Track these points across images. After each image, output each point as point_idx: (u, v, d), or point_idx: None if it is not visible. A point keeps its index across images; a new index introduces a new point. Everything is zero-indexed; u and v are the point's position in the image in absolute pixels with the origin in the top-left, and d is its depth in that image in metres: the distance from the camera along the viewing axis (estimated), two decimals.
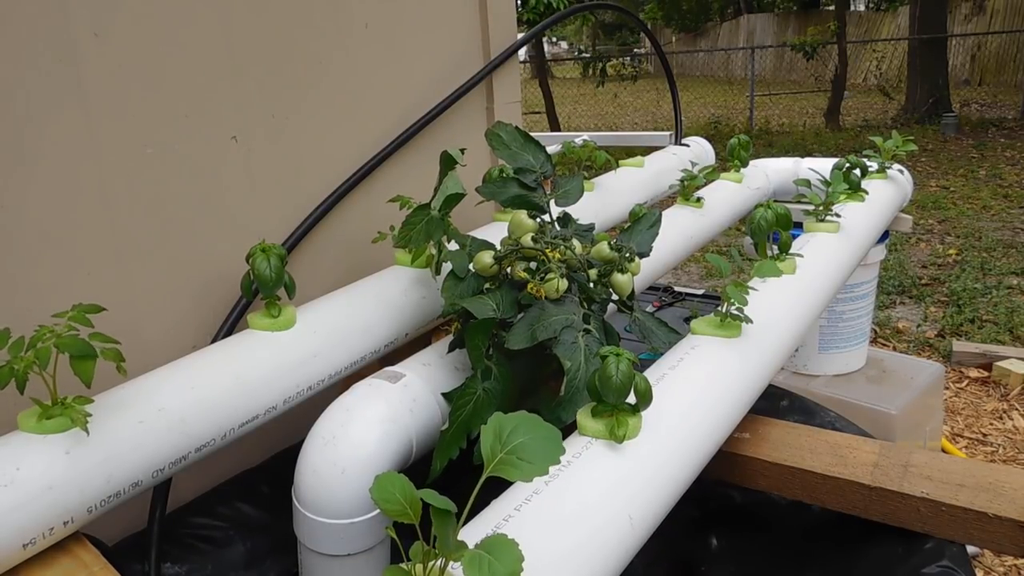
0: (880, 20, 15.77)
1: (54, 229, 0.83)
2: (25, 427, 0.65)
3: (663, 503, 0.68)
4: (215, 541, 0.92)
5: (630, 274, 0.86)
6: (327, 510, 0.71)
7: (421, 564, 0.47)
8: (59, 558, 0.65)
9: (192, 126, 0.94)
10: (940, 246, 4.68)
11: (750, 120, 10.49)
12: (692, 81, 16.35)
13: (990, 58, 13.09)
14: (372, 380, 0.80)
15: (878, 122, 9.80)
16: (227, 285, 0.97)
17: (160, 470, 0.71)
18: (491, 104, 1.38)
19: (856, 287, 1.83)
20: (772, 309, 0.94)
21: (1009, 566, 2.04)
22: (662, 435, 0.70)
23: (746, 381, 0.84)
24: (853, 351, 1.91)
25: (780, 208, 1.03)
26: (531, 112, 11.00)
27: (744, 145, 1.51)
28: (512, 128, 0.96)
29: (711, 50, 19.14)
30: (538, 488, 0.60)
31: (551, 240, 0.83)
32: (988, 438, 2.67)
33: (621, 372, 0.64)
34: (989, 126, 8.95)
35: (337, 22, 1.10)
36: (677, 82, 1.90)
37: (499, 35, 1.36)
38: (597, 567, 0.58)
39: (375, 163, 1.16)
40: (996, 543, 0.78)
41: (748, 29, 18.63)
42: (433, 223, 0.89)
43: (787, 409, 1.10)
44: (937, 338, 3.39)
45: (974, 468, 0.84)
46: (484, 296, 0.81)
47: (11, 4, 0.78)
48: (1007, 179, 6.31)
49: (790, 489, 0.88)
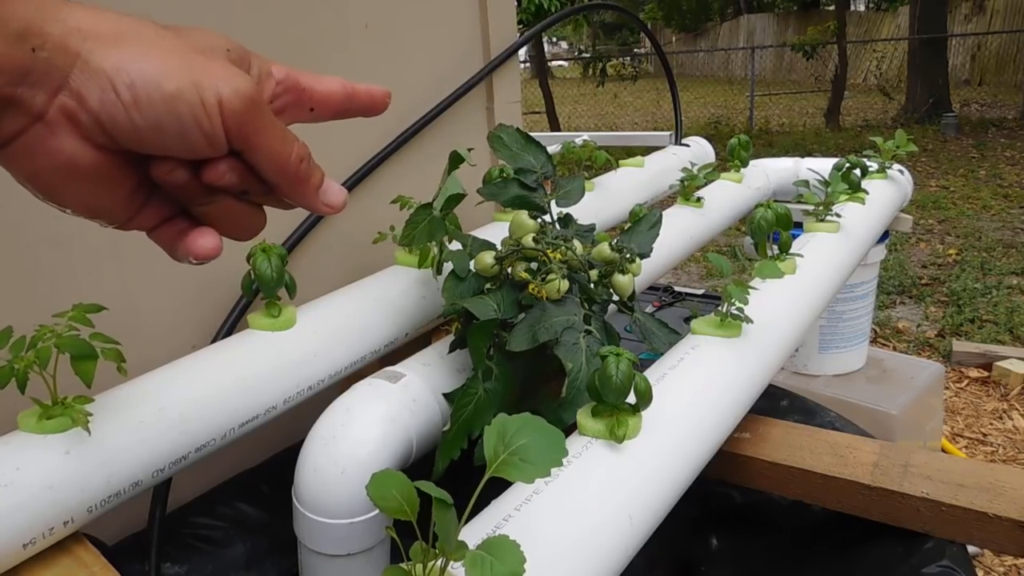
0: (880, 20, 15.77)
1: (54, 229, 0.83)
2: (25, 427, 0.65)
3: (663, 503, 0.68)
4: (215, 541, 0.92)
5: (631, 275, 0.86)
6: (327, 510, 0.71)
7: (421, 564, 0.47)
8: (59, 558, 0.65)
9: None
10: (940, 246, 4.68)
11: (750, 120, 10.49)
12: (692, 81, 16.36)
13: (990, 58, 13.10)
14: (372, 380, 0.80)
15: (878, 122, 9.80)
16: (227, 285, 0.97)
17: (160, 470, 0.71)
18: (491, 104, 1.38)
19: (856, 287, 1.83)
20: (772, 309, 0.94)
21: (1009, 566, 2.05)
22: (662, 435, 0.70)
23: (746, 381, 0.84)
24: (853, 351, 1.91)
25: (780, 208, 1.03)
26: (531, 112, 11.00)
27: (744, 145, 1.51)
28: (513, 130, 0.96)
29: (711, 50, 19.15)
30: (538, 488, 0.60)
31: (552, 241, 0.83)
32: (988, 438, 2.67)
33: (621, 372, 0.64)
34: (989, 126, 8.96)
35: (337, 22, 1.10)
36: (677, 82, 1.90)
37: (499, 35, 1.36)
38: (597, 566, 0.58)
39: (375, 163, 1.16)
40: (996, 543, 0.78)
41: (748, 29, 18.64)
42: (435, 223, 0.89)
43: (787, 409, 1.10)
44: (937, 338, 3.39)
45: (974, 468, 0.84)
46: (485, 296, 0.81)
47: None
48: (1007, 179, 6.31)
49: (790, 489, 0.88)
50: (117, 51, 0.34)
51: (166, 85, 0.33)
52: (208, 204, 0.37)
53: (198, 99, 0.34)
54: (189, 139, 0.34)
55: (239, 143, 0.35)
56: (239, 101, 0.35)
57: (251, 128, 0.35)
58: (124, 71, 0.33)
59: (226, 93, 0.34)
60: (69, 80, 0.33)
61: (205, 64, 0.35)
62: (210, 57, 0.36)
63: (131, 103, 0.33)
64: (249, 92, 0.35)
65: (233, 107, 0.34)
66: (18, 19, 0.32)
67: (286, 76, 0.41)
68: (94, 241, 0.87)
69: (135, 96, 0.33)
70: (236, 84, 0.35)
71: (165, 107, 0.33)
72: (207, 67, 0.35)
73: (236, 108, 0.34)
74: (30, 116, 0.34)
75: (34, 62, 0.33)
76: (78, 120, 0.34)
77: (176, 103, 0.33)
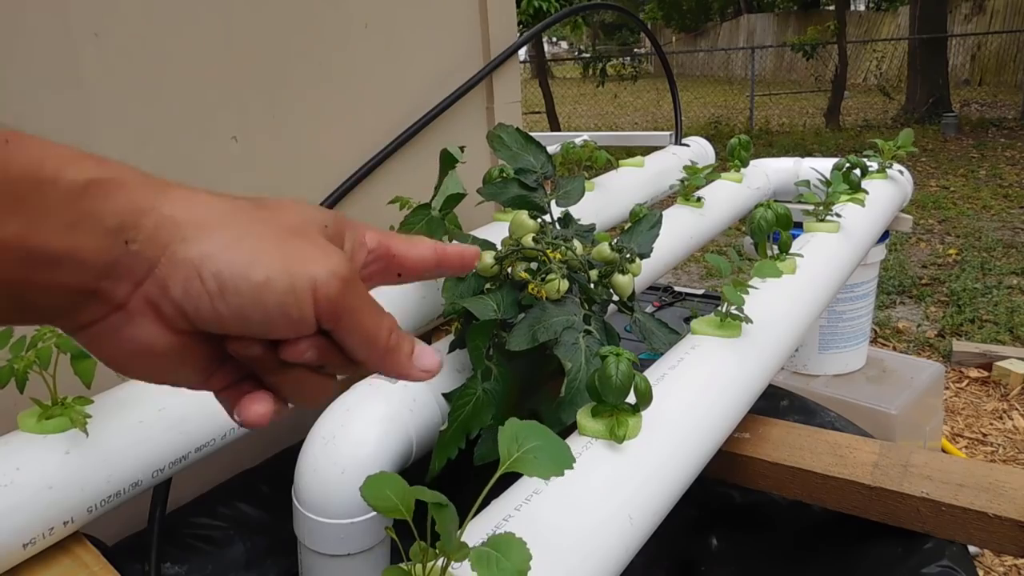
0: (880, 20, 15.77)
1: None
2: (25, 427, 0.65)
3: (663, 502, 0.68)
4: (215, 541, 0.92)
5: (631, 275, 0.86)
6: (327, 510, 0.71)
7: (420, 564, 0.47)
8: (59, 558, 0.65)
9: (192, 126, 0.94)
10: (940, 246, 4.68)
11: (750, 120, 10.49)
12: (692, 81, 16.36)
13: (990, 58, 13.10)
14: (372, 380, 0.80)
15: (878, 122, 9.80)
16: None
17: (160, 470, 0.71)
18: (491, 104, 1.38)
19: (856, 287, 1.83)
20: (772, 309, 0.94)
21: (1009, 566, 2.04)
22: (662, 435, 0.70)
23: (746, 381, 0.84)
24: (853, 351, 1.91)
25: (780, 208, 1.03)
26: (531, 112, 11.00)
27: (744, 145, 1.51)
28: (513, 130, 0.96)
29: (711, 50, 19.15)
30: (538, 488, 0.60)
31: (552, 240, 0.83)
32: (988, 438, 2.67)
33: (621, 372, 0.64)
34: (989, 126, 8.96)
35: (337, 22, 1.10)
36: (677, 82, 1.90)
37: (499, 35, 1.36)
38: (597, 566, 0.58)
39: (375, 163, 1.16)
40: (996, 543, 0.78)
41: (748, 29, 18.64)
42: (434, 223, 0.89)
43: (787, 409, 1.10)
44: (937, 338, 3.39)
45: (974, 468, 0.84)
46: (485, 296, 0.81)
47: (11, 4, 0.78)
48: (1007, 179, 6.31)
49: (790, 489, 0.88)
50: (207, 239, 0.33)
51: (254, 274, 0.32)
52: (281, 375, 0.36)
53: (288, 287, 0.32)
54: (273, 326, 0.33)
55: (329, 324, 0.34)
56: (335, 284, 0.33)
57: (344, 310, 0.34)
58: (212, 260, 0.32)
59: (322, 277, 0.33)
60: (155, 270, 0.32)
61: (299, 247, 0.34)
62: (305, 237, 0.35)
63: (216, 292, 0.32)
64: (345, 274, 0.34)
65: (328, 291, 0.33)
66: (116, 213, 0.31)
67: (378, 244, 0.39)
68: None
69: (221, 285, 0.32)
70: (332, 266, 0.33)
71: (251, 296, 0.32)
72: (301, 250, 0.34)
73: (331, 292, 0.33)
74: (111, 306, 0.33)
75: (124, 255, 0.32)
76: (159, 308, 0.33)
77: (263, 292, 0.32)
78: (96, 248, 0.31)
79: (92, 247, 0.31)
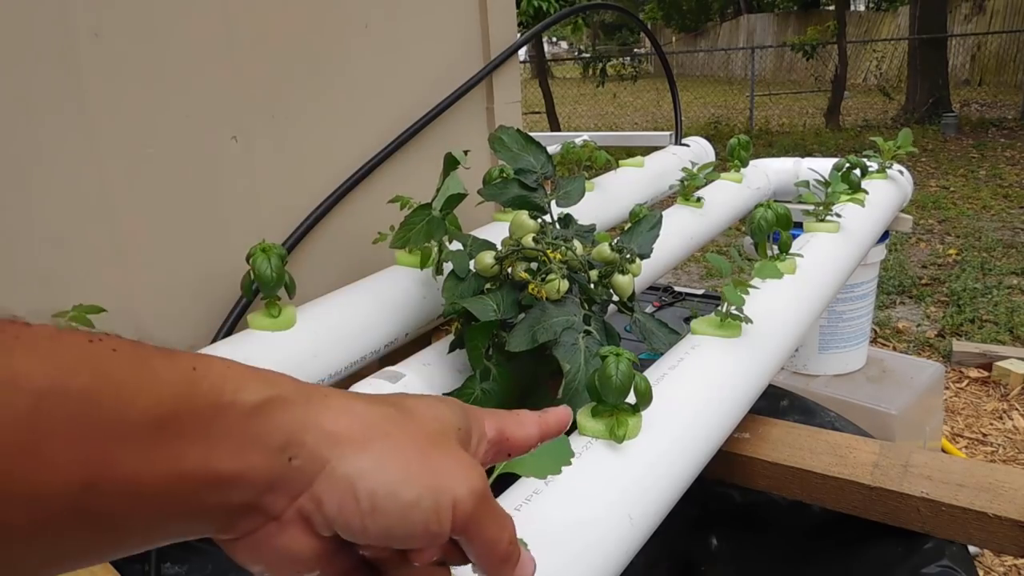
0: (880, 20, 15.78)
1: (54, 229, 0.84)
2: None
3: (663, 502, 0.68)
4: (215, 541, 0.92)
5: (631, 275, 0.86)
6: None
7: None
8: None
9: (192, 126, 0.94)
10: (940, 246, 4.69)
11: (750, 120, 10.49)
12: (692, 81, 16.37)
13: (990, 58, 13.10)
14: (372, 380, 0.80)
15: (878, 122, 9.80)
16: (227, 285, 0.97)
17: None
18: (491, 104, 1.38)
19: (856, 287, 1.83)
20: (772, 309, 0.94)
21: (1009, 566, 2.05)
22: (662, 435, 0.70)
23: (746, 381, 0.84)
24: (853, 351, 1.91)
25: (780, 208, 1.03)
26: (531, 112, 11.00)
27: (744, 145, 1.51)
28: (514, 131, 0.96)
29: (711, 50, 19.15)
30: (538, 488, 0.60)
31: (552, 241, 0.83)
32: (988, 438, 2.68)
33: (621, 372, 0.64)
34: (989, 126, 8.96)
35: (337, 22, 1.10)
36: (677, 82, 1.90)
37: (499, 35, 1.36)
38: (597, 566, 0.58)
39: (375, 163, 1.16)
40: (996, 543, 0.78)
41: (748, 29, 18.65)
42: (434, 223, 0.89)
43: (787, 409, 1.10)
44: (937, 338, 3.39)
45: (974, 468, 0.84)
46: (485, 296, 0.81)
47: (11, 4, 0.78)
48: (1007, 179, 6.31)
49: (790, 489, 0.89)
50: (363, 456, 0.34)
51: (405, 494, 0.34)
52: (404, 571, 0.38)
53: (433, 506, 0.34)
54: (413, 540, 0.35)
55: (460, 534, 0.36)
56: (472, 500, 0.35)
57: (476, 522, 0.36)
58: (368, 478, 0.33)
59: (461, 494, 0.35)
60: (312, 486, 0.33)
61: (442, 462, 0.36)
62: (445, 448, 0.37)
63: (368, 511, 0.33)
64: (480, 489, 0.36)
65: (466, 507, 0.35)
66: (282, 431, 0.32)
67: (496, 433, 0.42)
68: (94, 241, 0.87)
69: (374, 505, 0.33)
70: (471, 484, 0.35)
71: (399, 515, 0.34)
72: (444, 466, 0.35)
73: (468, 508, 0.35)
74: (267, 518, 0.34)
75: (286, 471, 0.33)
76: (311, 520, 0.34)
77: (411, 511, 0.34)
78: (264, 467, 0.32)
79: (261, 466, 0.32)
